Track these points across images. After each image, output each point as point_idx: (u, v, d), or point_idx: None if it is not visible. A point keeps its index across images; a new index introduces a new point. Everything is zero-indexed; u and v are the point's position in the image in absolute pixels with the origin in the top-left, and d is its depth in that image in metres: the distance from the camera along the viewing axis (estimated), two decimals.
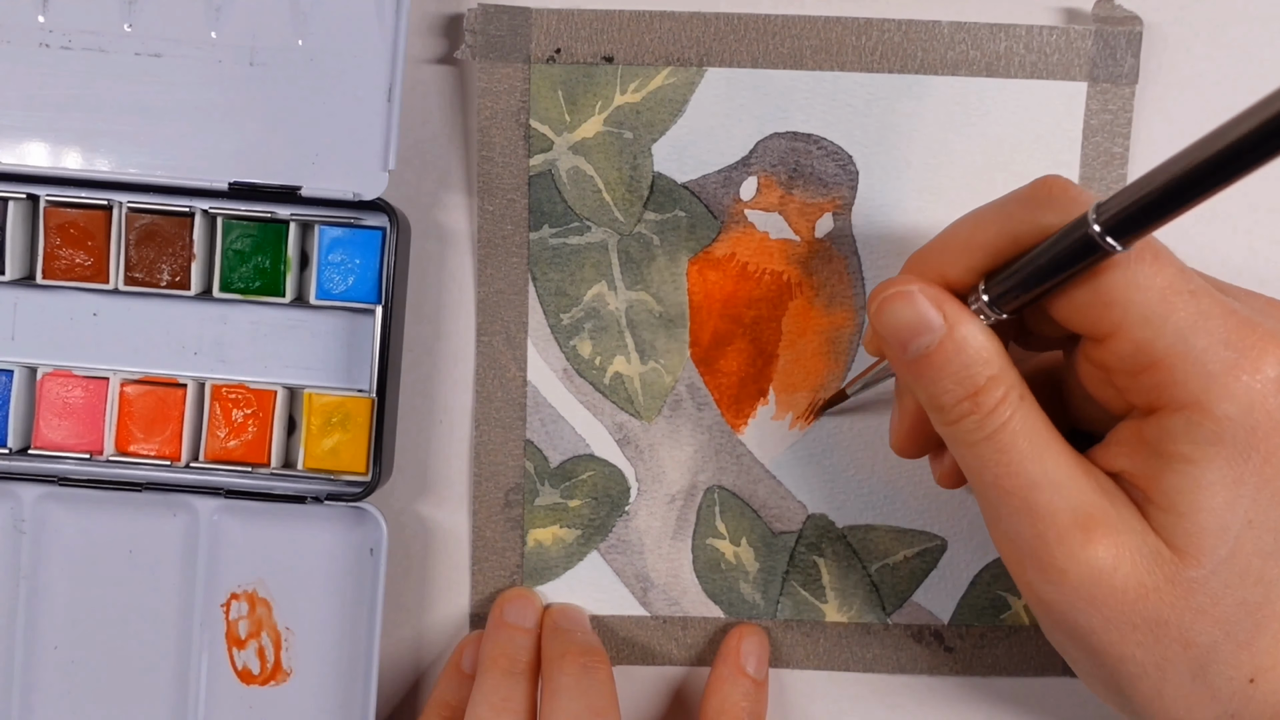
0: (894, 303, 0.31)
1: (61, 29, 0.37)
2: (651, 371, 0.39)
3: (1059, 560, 0.29)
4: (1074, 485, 0.30)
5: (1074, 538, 0.29)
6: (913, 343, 0.30)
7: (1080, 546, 0.29)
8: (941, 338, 0.30)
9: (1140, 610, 0.29)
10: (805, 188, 0.39)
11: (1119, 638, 0.30)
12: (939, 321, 0.30)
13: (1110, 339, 0.29)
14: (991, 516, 0.31)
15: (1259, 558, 0.29)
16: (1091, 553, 0.29)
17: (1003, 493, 0.30)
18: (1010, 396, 0.30)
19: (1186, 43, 0.39)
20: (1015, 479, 0.30)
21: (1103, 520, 0.29)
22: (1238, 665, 0.30)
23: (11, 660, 0.38)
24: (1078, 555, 0.29)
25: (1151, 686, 0.30)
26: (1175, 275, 0.28)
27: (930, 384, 0.31)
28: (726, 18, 0.39)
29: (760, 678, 0.38)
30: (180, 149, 0.37)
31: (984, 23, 0.38)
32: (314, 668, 0.38)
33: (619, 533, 0.40)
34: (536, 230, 0.39)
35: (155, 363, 0.39)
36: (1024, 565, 0.31)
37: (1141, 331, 0.28)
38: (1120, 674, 0.31)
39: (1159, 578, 0.29)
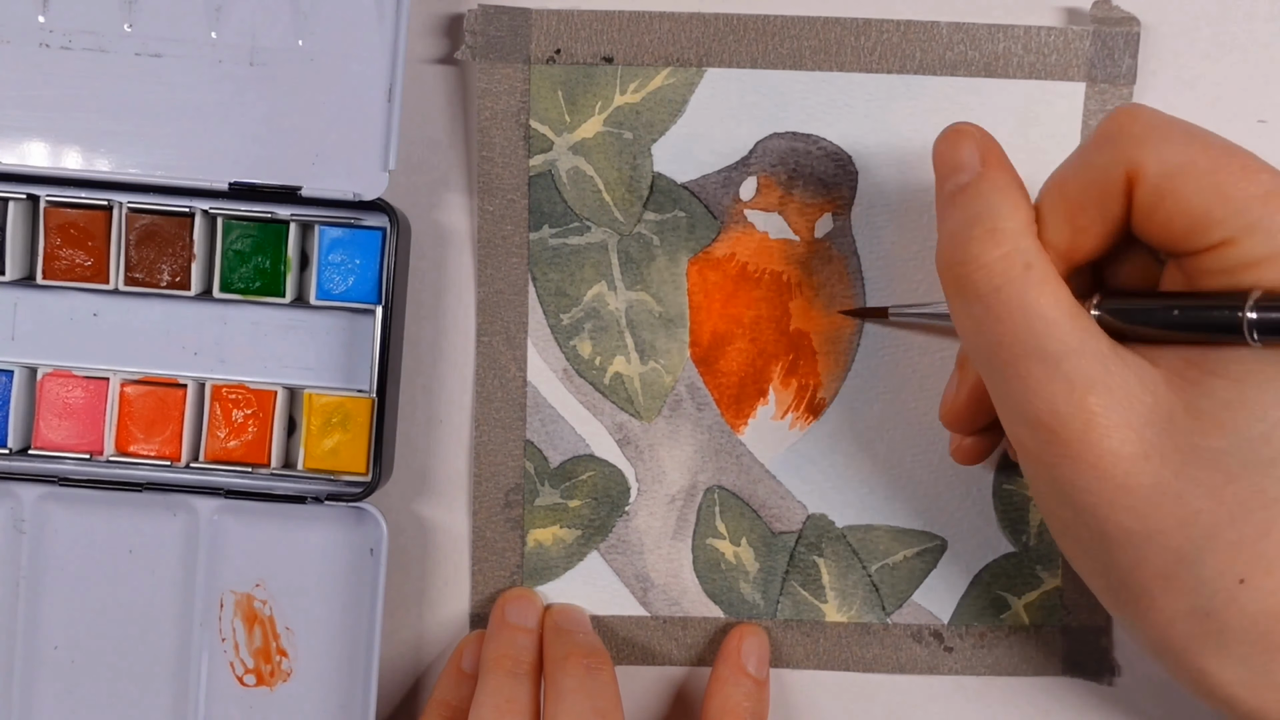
0: (945, 136, 0.33)
1: (62, 29, 0.37)
2: (651, 371, 0.40)
3: (1046, 420, 0.29)
4: (1073, 355, 0.29)
5: (1068, 396, 0.29)
6: (952, 178, 0.32)
7: (1072, 408, 0.28)
8: (975, 178, 0.31)
9: (1136, 473, 0.28)
10: (805, 188, 0.39)
11: (1105, 500, 0.29)
12: (975, 163, 0.31)
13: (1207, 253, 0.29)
14: (993, 376, 0.31)
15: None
16: (1083, 412, 0.28)
17: (1001, 346, 0.30)
18: (1014, 256, 0.30)
19: (1185, 43, 0.39)
20: (1031, 327, 0.29)
21: (1102, 381, 0.28)
22: (1233, 561, 0.28)
23: (11, 660, 0.38)
24: (1070, 413, 0.29)
25: (1132, 556, 0.29)
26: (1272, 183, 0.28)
27: (946, 223, 0.31)
28: (726, 18, 0.39)
29: (761, 677, 0.38)
30: (180, 149, 0.37)
31: (982, 23, 0.38)
32: (314, 668, 0.38)
33: (619, 533, 0.40)
34: (536, 230, 0.39)
35: (155, 363, 0.39)
36: (1015, 422, 0.30)
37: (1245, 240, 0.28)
38: (1101, 537, 0.29)
39: (1166, 442, 0.28)
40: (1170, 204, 0.28)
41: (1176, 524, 0.28)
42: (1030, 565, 0.39)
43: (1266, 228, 0.27)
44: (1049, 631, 0.39)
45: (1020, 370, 0.29)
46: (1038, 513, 0.39)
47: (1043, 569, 0.39)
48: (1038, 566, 0.39)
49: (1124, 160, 0.29)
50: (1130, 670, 0.39)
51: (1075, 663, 0.39)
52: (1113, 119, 0.30)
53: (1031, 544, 0.39)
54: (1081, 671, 0.39)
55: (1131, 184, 0.29)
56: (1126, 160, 0.29)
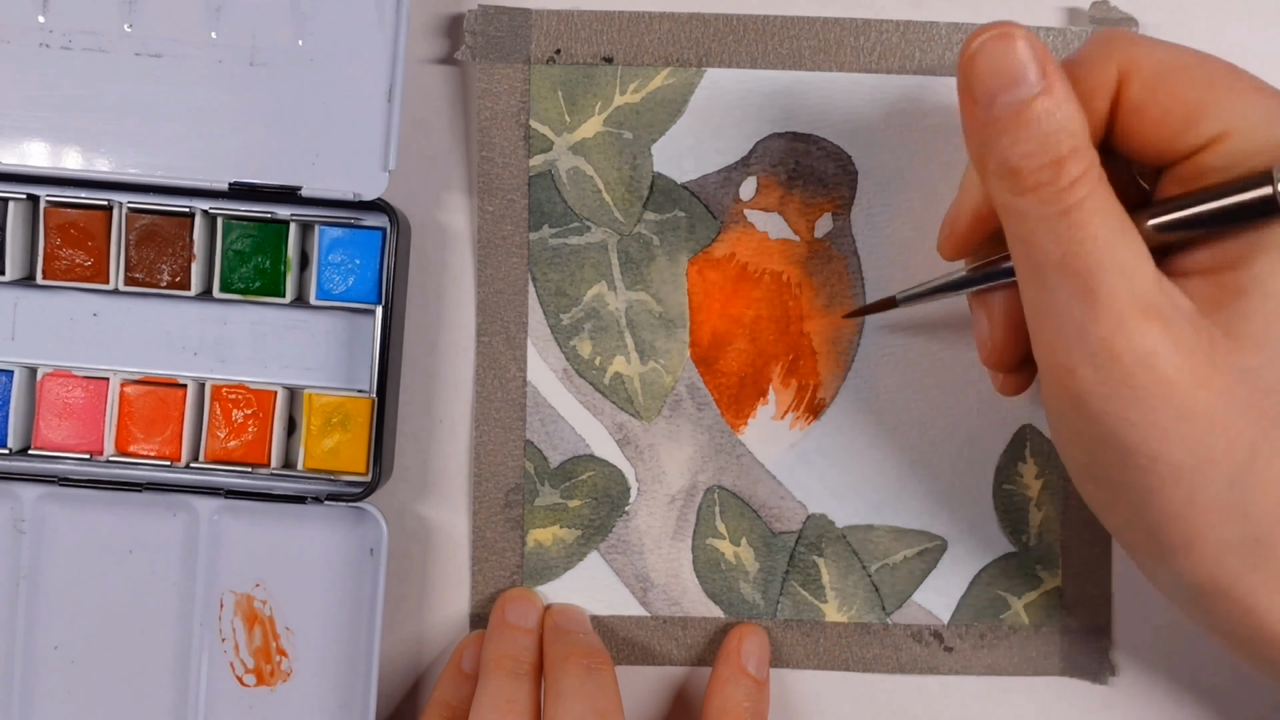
0: (997, 44, 0.28)
1: (62, 29, 0.37)
2: (651, 371, 0.40)
3: (1115, 344, 0.28)
4: (1139, 272, 0.28)
5: (1133, 323, 0.28)
6: (1005, 94, 0.28)
7: (1137, 331, 0.28)
8: (1038, 93, 0.28)
9: (1189, 403, 0.28)
10: (805, 188, 0.39)
11: (1160, 434, 0.28)
12: (1037, 76, 0.28)
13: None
14: (1043, 299, 0.29)
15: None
16: (1147, 338, 0.28)
17: (1067, 272, 0.28)
18: (1091, 173, 0.28)
19: (1183, 43, 0.39)
20: (1084, 259, 0.28)
21: (1159, 309, 0.28)
22: (1275, 478, 0.28)
23: (11, 660, 0.38)
24: (1134, 340, 0.28)
25: (1185, 492, 0.29)
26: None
27: (1012, 145, 0.28)
28: (726, 18, 0.39)
29: (762, 677, 0.38)
30: (180, 149, 0.37)
31: (981, 24, 0.38)
32: (314, 668, 0.38)
33: (619, 533, 0.40)
34: (536, 230, 0.39)
35: (155, 363, 0.39)
36: (1071, 350, 0.29)
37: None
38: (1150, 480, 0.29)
39: (1211, 368, 0.28)
40: (1165, 96, 0.28)
41: (1225, 449, 0.28)
42: (1030, 565, 0.39)
43: (1261, 117, 0.28)
44: (1049, 631, 0.39)
45: (1091, 284, 0.28)
46: (1038, 512, 0.39)
47: (1043, 569, 0.39)
48: (1038, 566, 0.39)
49: (1116, 56, 0.29)
50: (1130, 670, 0.40)
51: (1075, 663, 0.39)
52: (1105, 31, 0.30)
53: (1031, 544, 0.39)
54: (1081, 671, 0.39)
55: (1122, 83, 0.29)
56: (1120, 57, 0.29)
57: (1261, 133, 0.28)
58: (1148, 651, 0.39)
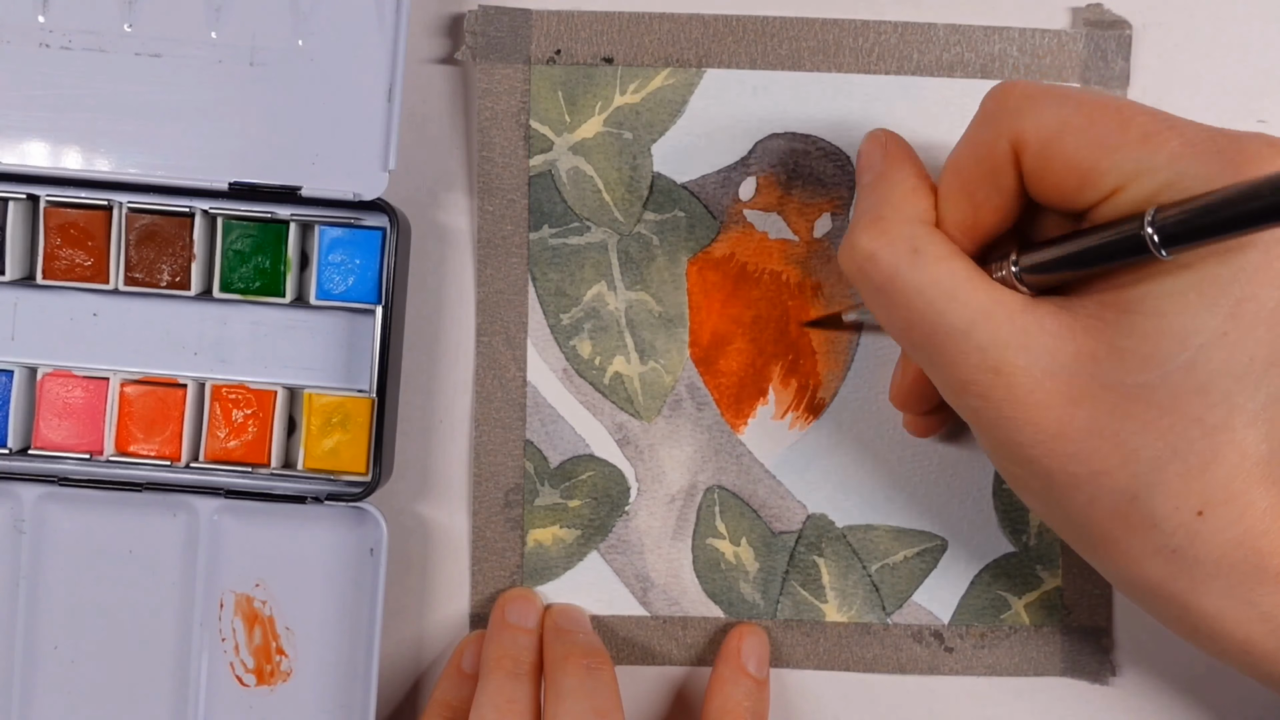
0: (864, 139, 0.34)
1: (62, 29, 0.37)
2: (651, 371, 0.40)
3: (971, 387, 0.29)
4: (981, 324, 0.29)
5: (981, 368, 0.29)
6: (860, 178, 0.34)
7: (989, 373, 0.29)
8: (874, 176, 0.33)
9: (1068, 420, 0.28)
10: (804, 188, 0.39)
11: (1045, 450, 0.29)
12: (877, 161, 0.33)
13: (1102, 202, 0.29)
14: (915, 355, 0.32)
15: (1227, 377, 0.27)
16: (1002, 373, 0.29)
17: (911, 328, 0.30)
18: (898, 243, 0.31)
19: (1182, 44, 0.39)
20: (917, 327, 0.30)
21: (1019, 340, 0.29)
22: (1185, 493, 0.28)
23: (11, 660, 0.38)
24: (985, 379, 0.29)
25: (1084, 499, 0.29)
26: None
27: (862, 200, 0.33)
28: (725, 19, 0.39)
29: (761, 677, 0.38)
30: (180, 149, 0.37)
31: (978, 25, 0.39)
32: (314, 668, 0.38)
33: (619, 533, 0.40)
34: (536, 230, 0.39)
35: (155, 363, 0.39)
36: (949, 391, 0.31)
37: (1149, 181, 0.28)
38: (1053, 486, 0.30)
39: (1094, 385, 0.28)
40: (1057, 164, 0.29)
41: (1120, 462, 0.28)
42: (1030, 565, 0.39)
43: (1149, 167, 0.28)
44: (1049, 631, 0.39)
45: (934, 345, 0.30)
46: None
47: (1043, 569, 0.39)
48: (1038, 566, 0.39)
49: (1006, 132, 0.30)
50: (1130, 670, 0.40)
51: (1075, 663, 0.39)
52: (990, 96, 0.31)
53: (1031, 544, 0.39)
54: (1081, 671, 0.39)
55: (1018, 154, 0.30)
56: (1008, 132, 0.30)
57: (1151, 181, 0.28)
58: (1148, 651, 0.39)
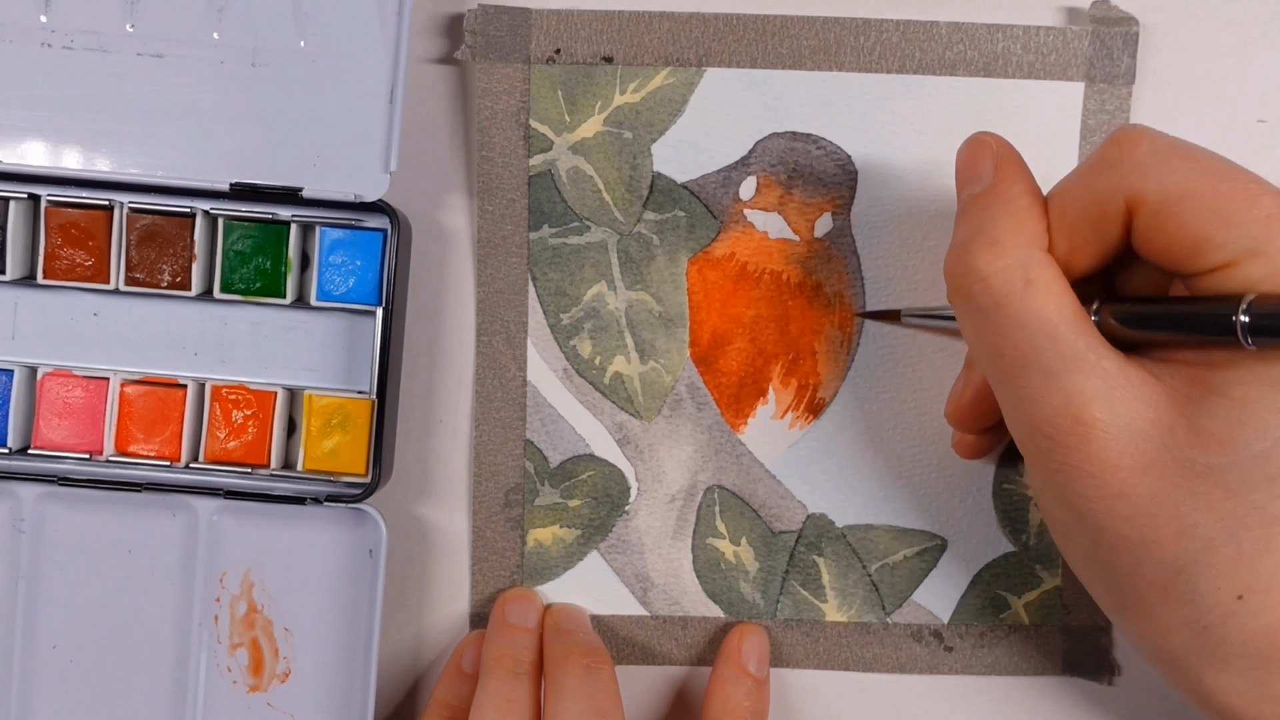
0: (965, 145, 0.33)
1: (63, 29, 0.37)
2: (651, 371, 0.40)
3: (1046, 430, 0.29)
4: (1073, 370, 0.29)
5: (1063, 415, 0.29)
6: (966, 188, 0.32)
7: (1069, 421, 0.29)
8: (984, 189, 0.31)
9: (1132, 484, 0.29)
10: (804, 187, 0.39)
11: (1103, 508, 0.29)
12: (988, 174, 0.32)
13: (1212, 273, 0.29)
14: (997, 383, 0.31)
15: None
16: (1080, 424, 0.29)
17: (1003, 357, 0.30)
18: (1014, 269, 0.30)
19: (1184, 43, 0.39)
20: (1009, 358, 0.30)
21: (1103, 394, 0.29)
22: (1231, 575, 0.28)
23: (10, 660, 0.38)
24: (1064, 426, 0.29)
25: (1129, 563, 0.29)
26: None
27: (964, 229, 0.31)
28: (726, 18, 0.39)
29: (762, 677, 0.38)
30: (181, 149, 0.37)
31: (981, 23, 0.39)
32: (313, 668, 0.38)
33: (619, 533, 0.40)
34: (536, 230, 0.39)
35: (155, 363, 0.39)
36: (1019, 429, 0.31)
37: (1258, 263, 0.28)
38: (1100, 544, 0.30)
39: (1165, 456, 0.28)
40: (1172, 229, 0.29)
41: (1173, 535, 0.28)
42: (1030, 565, 0.39)
43: (1267, 250, 0.27)
44: (1049, 631, 0.39)
45: (1021, 380, 0.30)
46: (1038, 512, 0.39)
47: (1043, 569, 0.39)
48: (1038, 566, 0.39)
49: (1124, 188, 0.29)
50: (1130, 670, 0.39)
51: (1075, 663, 0.39)
52: (1114, 143, 0.30)
53: (1031, 544, 0.39)
54: (1081, 671, 0.39)
55: (1131, 210, 0.29)
56: (1127, 188, 0.29)
57: (1265, 265, 0.28)
58: None
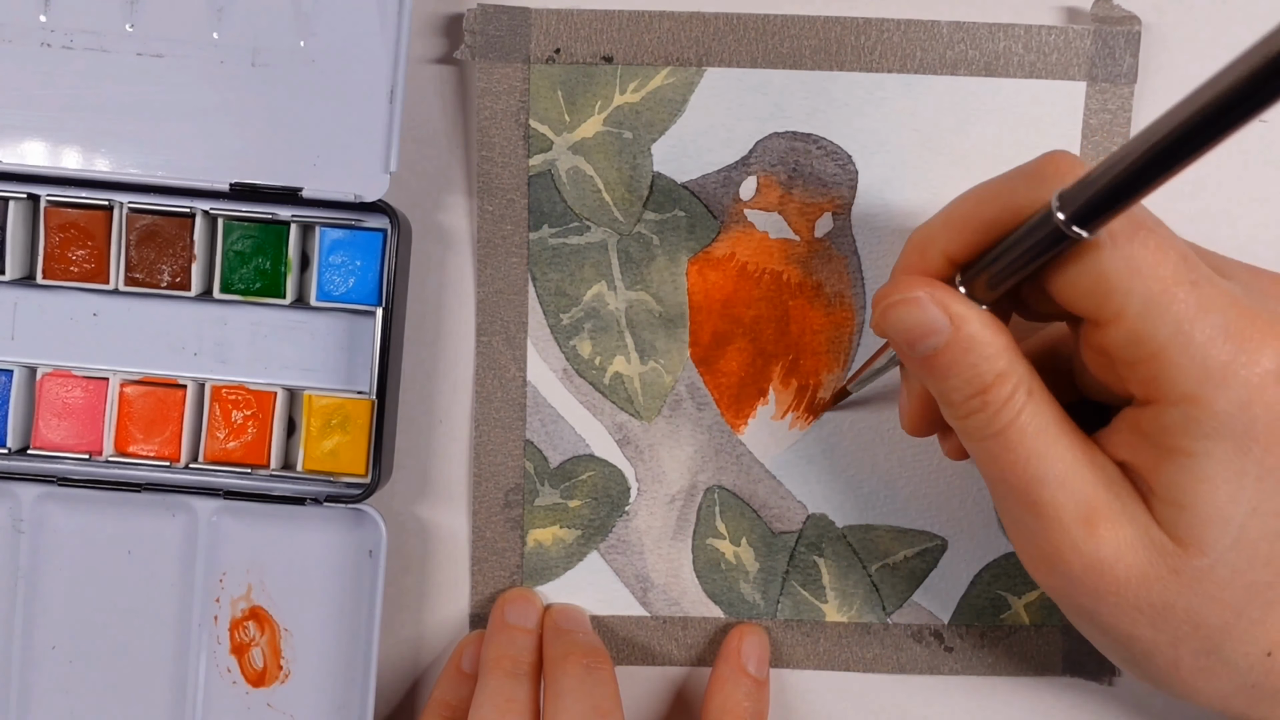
0: (898, 309, 0.30)
1: (63, 29, 0.37)
2: (651, 371, 0.39)
3: (1063, 552, 0.30)
4: (1078, 479, 0.30)
5: (1076, 531, 0.30)
6: (920, 344, 0.30)
7: (1083, 540, 0.30)
8: (948, 339, 0.30)
9: (1145, 596, 0.30)
10: (805, 187, 0.39)
11: (1127, 620, 0.30)
12: (944, 323, 0.30)
13: (1109, 325, 0.29)
14: (1000, 506, 0.32)
15: (1266, 542, 0.29)
16: (1094, 546, 0.30)
17: (1009, 488, 0.30)
18: (1018, 393, 0.30)
19: (1186, 42, 0.39)
20: (1021, 475, 0.30)
21: (1106, 513, 0.30)
22: (1253, 641, 0.30)
23: (10, 660, 0.38)
24: (1080, 548, 0.30)
25: (1166, 660, 0.31)
26: (1178, 263, 0.28)
27: (939, 381, 0.31)
28: (726, 18, 0.39)
29: (762, 677, 0.38)
30: (181, 149, 0.37)
31: (983, 22, 0.38)
32: (312, 668, 0.38)
33: (619, 533, 0.40)
34: (536, 230, 0.39)
35: (155, 363, 0.39)
36: (1030, 555, 0.31)
37: (1141, 322, 0.28)
38: (1134, 651, 0.31)
39: (1163, 568, 0.29)
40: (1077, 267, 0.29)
41: (1191, 630, 0.30)
42: None
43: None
44: (1049, 631, 0.39)
45: (1033, 495, 0.30)
46: None
47: None
48: None
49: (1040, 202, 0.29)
50: None
51: (1075, 663, 0.39)
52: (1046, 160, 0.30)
53: None
54: (1081, 671, 0.39)
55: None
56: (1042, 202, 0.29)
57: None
58: None
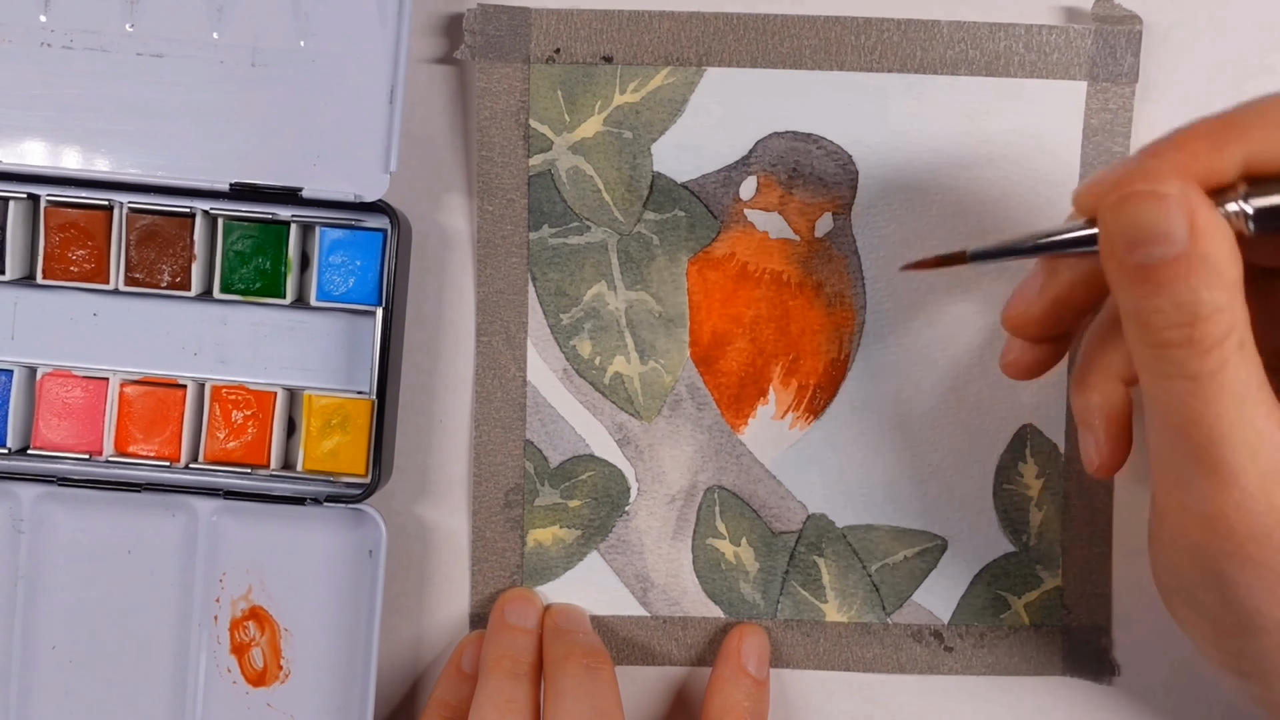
0: (1139, 203, 0.26)
1: (63, 29, 0.37)
2: (651, 371, 0.40)
3: (1232, 519, 0.27)
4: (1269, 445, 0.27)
5: (1253, 501, 0.27)
6: (1144, 249, 0.26)
7: (1258, 510, 0.27)
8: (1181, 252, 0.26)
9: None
10: (805, 187, 0.39)
11: (1271, 598, 0.27)
12: (1184, 235, 0.26)
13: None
14: (1166, 448, 0.28)
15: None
16: (1271, 512, 0.27)
17: (1185, 437, 0.27)
18: (1230, 340, 0.26)
19: (1187, 42, 0.39)
20: (1209, 431, 0.27)
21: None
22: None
23: (9, 660, 0.38)
24: (1253, 518, 0.27)
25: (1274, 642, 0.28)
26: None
27: (1148, 297, 0.26)
28: (726, 17, 0.39)
29: (762, 677, 0.38)
30: (181, 149, 0.37)
31: (983, 22, 0.38)
32: (312, 669, 0.38)
33: (619, 533, 0.40)
34: (536, 230, 0.39)
35: (155, 363, 0.39)
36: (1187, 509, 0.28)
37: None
38: (1255, 629, 0.28)
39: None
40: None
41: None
42: (1030, 565, 0.39)
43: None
44: (1049, 631, 0.39)
45: (1214, 456, 0.27)
46: (1038, 512, 0.39)
47: (1043, 569, 0.39)
48: (1038, 566, 0.39)
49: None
50: (1130, 670, 0.39)
51: (1075, 663, 0.39)
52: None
53: (1031, 544, 0.39)
54: (1081, 671, 0.39)
55: None
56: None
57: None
58: (1148, 651, 0.39)
